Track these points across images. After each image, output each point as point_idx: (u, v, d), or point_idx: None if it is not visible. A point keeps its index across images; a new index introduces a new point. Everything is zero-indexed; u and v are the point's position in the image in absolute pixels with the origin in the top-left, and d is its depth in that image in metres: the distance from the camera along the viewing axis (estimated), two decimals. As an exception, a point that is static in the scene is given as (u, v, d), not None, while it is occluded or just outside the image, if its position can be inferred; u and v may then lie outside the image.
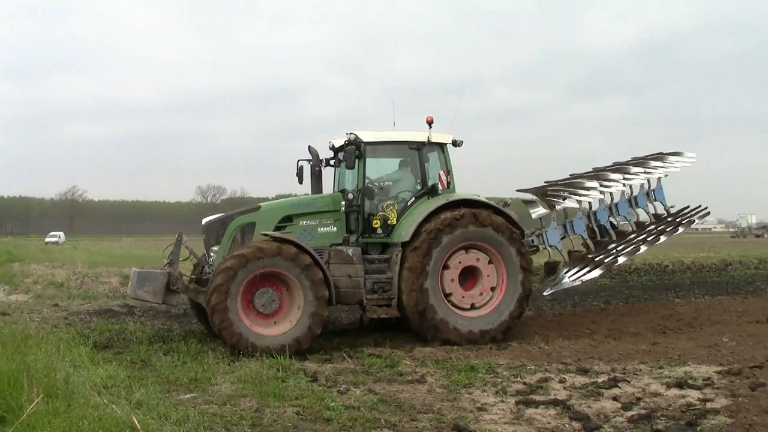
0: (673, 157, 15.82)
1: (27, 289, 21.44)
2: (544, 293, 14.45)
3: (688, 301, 18.01)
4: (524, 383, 8.97)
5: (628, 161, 15.61)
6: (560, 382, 8.99)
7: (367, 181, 12.78)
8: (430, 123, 12.85)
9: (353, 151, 12.38)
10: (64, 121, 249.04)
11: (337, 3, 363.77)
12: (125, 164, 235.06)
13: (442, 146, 13.13)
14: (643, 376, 9.22)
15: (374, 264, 12.45)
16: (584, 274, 13.85)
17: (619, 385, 8.69)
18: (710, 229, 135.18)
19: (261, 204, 13.48)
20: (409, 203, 12.80)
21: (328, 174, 14.05)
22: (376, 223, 12.63)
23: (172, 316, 15.92)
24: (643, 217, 15.57)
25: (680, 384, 8.61)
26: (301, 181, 13.68)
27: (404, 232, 12.30)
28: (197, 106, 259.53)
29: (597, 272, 13.97)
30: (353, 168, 12.68)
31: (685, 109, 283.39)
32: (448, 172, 13.02)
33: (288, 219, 12.75)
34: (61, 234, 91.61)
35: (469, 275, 12.60)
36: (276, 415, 7.61)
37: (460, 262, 12.41)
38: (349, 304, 12.91)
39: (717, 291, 20.36)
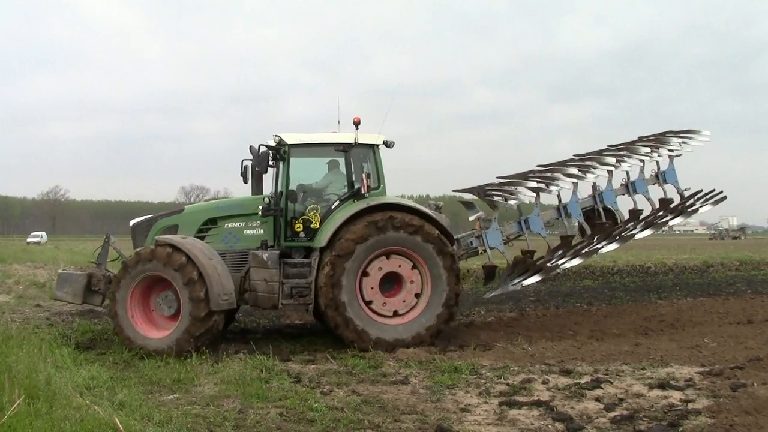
0: (677, 139, 15.44)
1: (8, 290, 21.29)
2: (486, 296, 14.62)
3: (670, 302, 18.12)
4: (507, 384, 8.99)
5: (633, 141, 15.34)
6: (543, 383, 9.01)
7: (294, 183, 12.53)
8: (357, 124, 12.50)
9: (266, 155, 12.29)
10: (46, 120, 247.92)
11: (314, 3, 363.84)
12: (106, 164, 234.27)
13: (373, 147, 12.77)
14: (625, 377, 9.26)
15: (296, 268, 12.13)
16: (526, 278, 13.51)
17: (602, 386, 8.73)
18: (692, 230, 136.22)
19: (186, 206, 13.76)
20: (333, 207, 12.44)
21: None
22: (299, 227, 12.36)
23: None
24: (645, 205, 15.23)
25: (662, 385, 8.66)
26: (245, 181, 12.99)
27: (323, 236, 12.08)
28: (178, 106, 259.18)
29: (537, 277, 13.59)
30: (266, 173, 12.47)
31: (660, 112, 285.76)
32: (369, 176, 12.40)
33: (212, 222, 12.80)
34: (44, 234, 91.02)
35: (393, 281, 12.16)
36: (259, 416, 7.59)
37: (380, 269, 11.98)
38: (266, 308, 12.60)
39: (699, 292, 20.48)
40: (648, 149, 15.02)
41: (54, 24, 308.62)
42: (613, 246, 14.06)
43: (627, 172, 14.90)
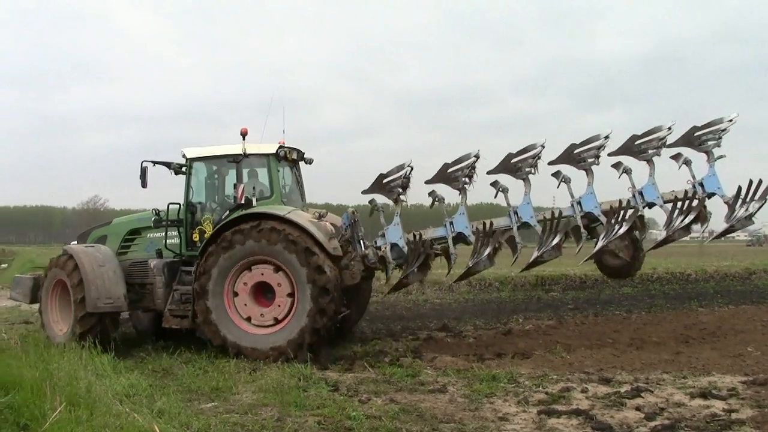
0: (710, 134, 12.11)
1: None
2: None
3: (711, 310, 17.84)
4: (546, 393, 8.92)
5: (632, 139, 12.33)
6: (582, 391, 8.94)
7: (201, 195, 13.25)
8: (243, 135, 12.79)
9: (145, 170, 12.96)
10: (83, 131, 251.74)
11: (344, 13, 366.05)
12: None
13: (268, 157, 12.99)
14: (666, 386, 9.15)
15: (188, 276, 12.63)
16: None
17: (642, 395, 8.63)
18: (733, 237, 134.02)
19: (114, 219, 14.96)
20: (223, 217, 12.70)
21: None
22: (196, 237, 12.89)
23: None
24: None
25: (704, 394, 8.54)
26: (143, 185, 13.14)
27: (201, 246, 12.54)
28: (209, 115, 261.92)
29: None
30: (145, 187, 13.04)
31: (693, 118, 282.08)
32: (240, 185, 12.66)
33: (136, 232, 13.85)
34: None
35: (270, 291, 12.09)
36: (297, 425, 7.62)
37: (245, 284, 12.04)
38: (160, 311, 12.98)
39: (741, 300, 20.12)
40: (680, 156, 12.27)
41: (88, 37, 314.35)
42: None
43: (630, 179, 12.33)
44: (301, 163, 14.12)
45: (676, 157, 12.25)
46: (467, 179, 12.38)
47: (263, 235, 11.74)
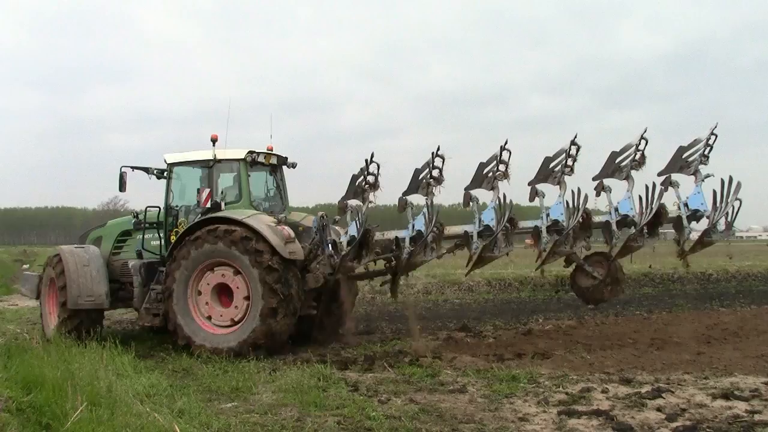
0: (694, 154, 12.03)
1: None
2: None
3: (733, 310, 17.73)
4: (566, 393, 8.89)
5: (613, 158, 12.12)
6: (603, 392, 8.89)
7: (181, 199, 13.78)
8: (213, 141, 13.27)
9: (123, 176, 13.63)
10: (104, 132, 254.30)
11: (368, 14, 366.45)
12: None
13: (239, 162, 13.35)
14: (687, 386, 9.09)
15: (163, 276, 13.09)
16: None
17: (663, 395, 8.57)
18: (755, 237, 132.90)
19: (108, 221, 15.72)
20: (196, 219, 12.95)
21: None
22: (173, 239, 13.21)
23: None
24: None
25: (726, 395, 8.47)
26: (121, 189, 13.82)
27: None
28: (233, 117, 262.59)
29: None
30: (124, 191, 13.89)
31: (719, 115, 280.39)
32: (203, 190, 13.24)
33: (128, 233, 14.44)
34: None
35: (230, 292, 12.42)
36: (317, 425, 7.63)
37: (208, 284, 12.41)
38: (136, 309, 13.63)
39: (763, 300, 20.00)
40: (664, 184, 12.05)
41: (114, 39, 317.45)
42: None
43: (608, 196, 12.16)
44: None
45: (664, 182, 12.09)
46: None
47: (219, 238, 12.12)
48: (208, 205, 13.04)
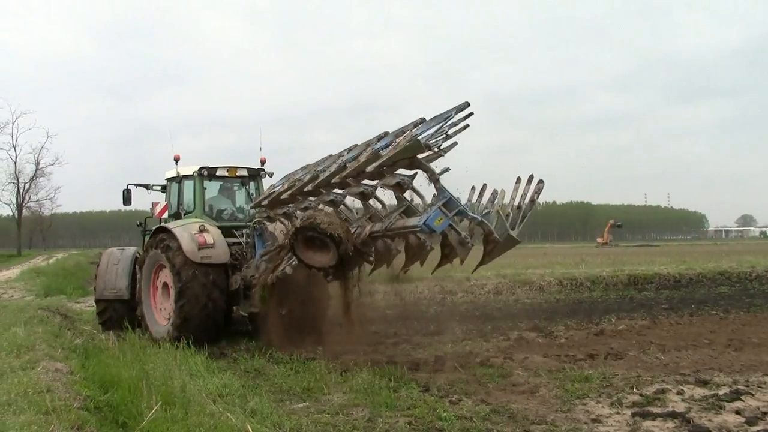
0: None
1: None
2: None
3: (815, 309, 17.19)
4: (640, 395, 8.75)
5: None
6: (678, 393, 8.74)
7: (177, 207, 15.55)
8: (176, 160, 15.61)
9: (126, 193, 16.29)
10: (167, 136, 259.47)
11: (426, 15, 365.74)
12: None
13: (194, 177, 14.99)
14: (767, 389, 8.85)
15: None
16: None
17: (742, 398, 8.38)
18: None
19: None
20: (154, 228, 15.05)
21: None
22: None
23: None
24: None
25: (809, 397, 8.24)
26: (125, 203, 16.49)
27: None
28: (293, 119, 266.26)
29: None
30: (129, 204, 16.62)
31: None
32: (158, 204, 15.74)
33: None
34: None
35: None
36: (388, 425, 7.68)
37: (158, 278, 14.43)
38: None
39: None
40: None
41: (175, 45, 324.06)
42: None
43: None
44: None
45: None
46: None
47: (157, 244, 14.02)
48: (165, 216, 15.48)
